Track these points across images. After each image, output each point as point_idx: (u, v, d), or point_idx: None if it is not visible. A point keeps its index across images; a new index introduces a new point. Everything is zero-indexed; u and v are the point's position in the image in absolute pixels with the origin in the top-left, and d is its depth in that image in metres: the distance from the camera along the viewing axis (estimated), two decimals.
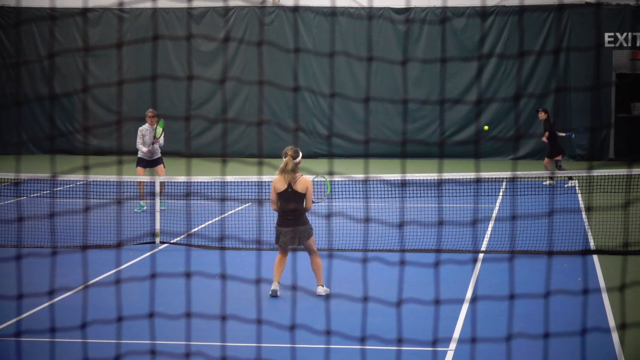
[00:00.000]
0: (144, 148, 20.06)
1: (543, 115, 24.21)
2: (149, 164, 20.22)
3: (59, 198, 20.95)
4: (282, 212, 12.80)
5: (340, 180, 20.21)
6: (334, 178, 14.80)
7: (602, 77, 30.54)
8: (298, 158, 12.86)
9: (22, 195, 21.51)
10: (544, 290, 12.50)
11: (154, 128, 20.13)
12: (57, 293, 12.71)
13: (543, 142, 24.35)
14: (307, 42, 31.52)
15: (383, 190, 19.69)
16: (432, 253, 15.50)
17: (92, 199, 20.42)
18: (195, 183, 19.77)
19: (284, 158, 12.84)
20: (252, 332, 10.99)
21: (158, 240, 16.65)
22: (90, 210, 19.48)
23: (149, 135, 20.10)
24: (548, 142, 23.99)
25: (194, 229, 18.03)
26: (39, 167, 26.93)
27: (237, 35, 31.70)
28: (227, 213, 19.75)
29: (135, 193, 20.94)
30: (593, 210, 18.38)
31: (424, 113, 31.26)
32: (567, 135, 26.19)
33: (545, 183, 23.14)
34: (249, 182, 18.79)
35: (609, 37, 29.88)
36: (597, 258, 15.24)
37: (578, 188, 22.74)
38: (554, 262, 14.99)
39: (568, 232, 16.82)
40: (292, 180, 12.74)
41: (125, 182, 20.99)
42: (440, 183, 19.19)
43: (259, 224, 17.89)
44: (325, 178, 14.48)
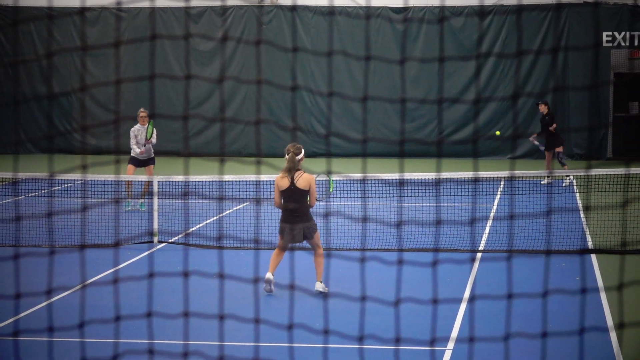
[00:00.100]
0: (138, 149, 20.04)
1: (544, 108, 24.05)
2: (141, 164, 20.19)
3: (57, 197, 20.94)
4: (286, 209, 12.80)
5: (339, 180, 20.21)
6: (332, 177, 14.79)
7: (600, 76, 30.52)
8: (300, 155, 12.88)
9: (20, 195, 21.50)
10: (542, 290, 12.51)
11: (146, 128, 20.09)
12: (55, 292, 12.71)
13: (550, 132, 23.94)
14: (305, 41, 31.52)
15: (381, 190, 19.69)
16: (430, 252, 15.49)
17: (90, 199, 20.41)
18: (193, 182, 19.76)
19: (287, 155, 12.85)
20: (250, 331, 10.98)
21: (156, 240, 16.64)
22: (88, 210, 19.48)
23: (141, 136, 20.07)
24: (553, 132, 23.74)
25: (192, 229, 18.03)
26: (37, 166, 26.91)
27: (235, 35, 31.69)
28: (225, 212, 19.75)
29: (137, 192, 20.92)
30: (591, 210, 18.38)
31: (422, 112, 31.26)
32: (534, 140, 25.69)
33: (543, 182, 23.12)
34: (247, 181, 18.79)
35: (607, 36, 29.88)
36: (595, 257, 15.24)
37: (576, 187, 22.74)
38: (552, 261, 15.00)
39: (566, 231, 16.83)
40: (294, 177, 12.75)
41: (123, 181, 20.97)
42: (439, 182, 19.18)
43: (257, 224, 17.88)
44: (329, 176, 14.50)
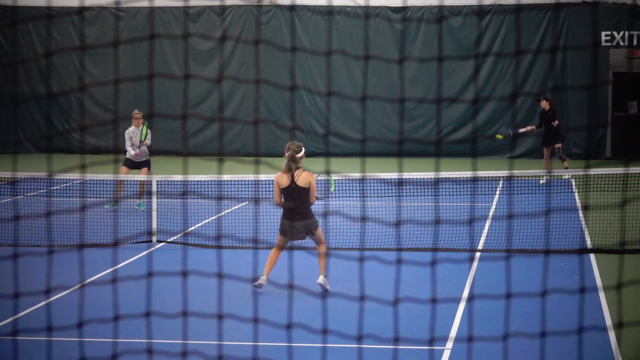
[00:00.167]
0: (132, 151, 20.01)
1: (545, 104, 23.93)
2: (135, 166, 20.11)
3: (56, 197, 20.93)
4: (287, 207, 12.81)
5: (337, 179, 20.22)
6: (328, 176, 14.78)
7: (599, 75, 30.52)
8: (301, 153, 12.90)
9: (18, 194, 21.49)
10: (541, 289, 12.51)
11: (140, 130, 20.05)
12: (54, 292, 12.70)
13: (550, 128, 23.85)
14: (304, 40, 31.51)
15: (380, 189, 19.69)
16: (429, 252, 15.49)
17: (88, 198, 20.41)
18: (192, 182, 19.76)
19: (287, 153, 12.86)
20: (248, 330, 10.98)
21: (155, 239, 16.64)
22: (87, 209, 19.48)
23: (136, 138, 20.03)
24: (556, 128, 23.68)
25: (191, 228, 18.02)
26: (36, 166, 26.90)
27: (234, 34, 31.68)
28: (223, 212, 19.75)
29: (134, 192, 20.92)
30: (590, 209, 18.38)
31: (421, 112, 31.26)
32: (510, 131, 25.64)
33: (542, 182, 23.08)
34: (246, 181, 18.79)
35: (606, 35, 29.89)
36: (594, 257, 15.24)
37: (575, 187, 22.74)
38: (551, 260, 15.00)
39: (565, 230, 16.83)
40: (294, 175, 12.76)
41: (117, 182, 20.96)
42: (437, 182, 19.19)
43: (256, 223, 17.88)
44: (329, 176, 14.50)
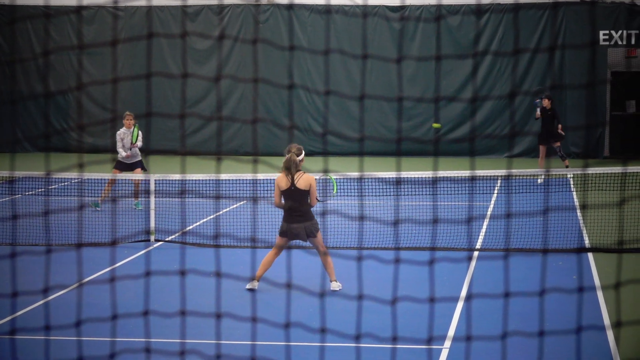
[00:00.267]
0: (123, 153, 19.96)
1: (547, 103, 23.78)
2: (127, 167, 20.00)
3: (54, 196, 20.92)
4: (287, 209, 12.81)
5: (335, 178, 20.19)
6: (329, 176, 14.78)
7: (597, 74, 30.54)
8: (301, 156, 12.91)
9: (16, 193, 21.47)
10: (539, 288, 12.50)
11: (131, 131, 20.01)
12: (51, 291, 12.69)
13: (550, 127, 23.69)
14: (301, 40, 31.50)
15: (378, 188, 19.69)
16: (427, 251, 15.49)
17: (86, 197, 20.40)
18: (190, 181, 19.76)
19: (287, 155, 12.85)
20: (247, 330, 10.97)
21: (153, 238, 16.63)
22: (85, 208, 19.46)
23: (127, 139, 19.98)
24: (561, 131, 23.61)
25: (189, 227, 18.01)
26: (34, 164, 26.89)
27: (232, 33, 31.67)
28: (222, 211, 19.74)
29: (130, 191, 20.91)
30: (588, 208, 18.38)
31: (419, 111, 31.25)
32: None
33: (539, 182, 23.04)
34: (244, 180, 18.79)
35: (604, 34, 29.89)
36: (592, 256, 15.24)
37: (573, 186, 22.74)
38: (549, 260, 14.99)
39: (563, 230, 16.83)
40: (295, 178, 12.76)
41: (120, 180, 20.96)
42: (435, 181, 19.18)
43: (254, 222, 17.88)
44: (332, 177, 14.51)
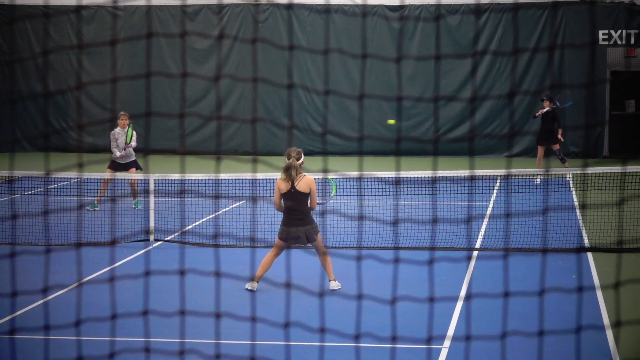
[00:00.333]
0: (118, 152, 19.93)
1: (548, 104, 23.62)
2: (121, 167, 19.93)
3: (53, 195, 20.92)
4: (288, 212, 12.80)
5: (335, 178, 20.21)
6: (328, 176, 14.78)
7: (596, 74, 30.53)
8: (301, 159, 12.93)
9: (16, 193, 21.47)
10: (539, 288, 12.50)
11: (126, 131, 19.98)
12: (51, 290, 12.69)
13: (550, 128, 23.61)
14: (301, 39, 31.50)
15: (377, 188, 19.69)
16: (426, 251, 15.49)
17: (86, 197, 20.39)
18: (190, 181, 19.75)
19: (287, 160, 12.87)
20: (246, 329, 10.97)
21: (152, 238, 16.63)
22: (84, 208, 19.47)
23: (121, 139, 19.95)
24: (561, 134, 23.53)
25: (188, 227, 18.01)
26: (33, 164, 26.89)
27: (231, 33, 31.67)
28: (221, 211, 19.74)
29: (126, 190, 20.90)
30: (587, 208, 18.38)
31: (418, 110, 31.25)
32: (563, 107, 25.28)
33: (537, 182, 22.98)
34: (243, 179, 18.78)
35: (604, 34, 29.89)
36: (591, 256, 15.24)
37: (572, 185, 22.74)
38: (549, 259, 14.99)
39: (562, 229, 16.83)
40: (295, 181, 12.76)
41: (119, 179, 20.96)
42: (435, 180, 19.18)
43: (253, 222, 17.88)
44: (331, 180, 14.53)
